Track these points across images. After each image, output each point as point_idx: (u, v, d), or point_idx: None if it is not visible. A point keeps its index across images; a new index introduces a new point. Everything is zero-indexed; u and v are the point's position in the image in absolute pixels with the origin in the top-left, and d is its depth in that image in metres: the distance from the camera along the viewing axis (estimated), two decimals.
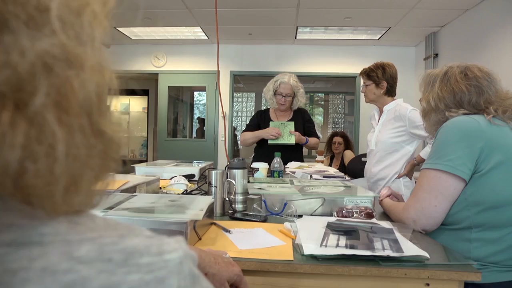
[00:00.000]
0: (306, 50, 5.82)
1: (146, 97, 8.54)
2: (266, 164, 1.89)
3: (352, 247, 0.88)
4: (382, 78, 2.19)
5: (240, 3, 4.12)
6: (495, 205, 1.04)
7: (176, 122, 8.44)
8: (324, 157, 4.67)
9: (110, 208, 0.98)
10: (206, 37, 5.47)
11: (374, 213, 1.27)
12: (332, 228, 1.05)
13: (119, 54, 6.03)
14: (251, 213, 1.30)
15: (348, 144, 4.58)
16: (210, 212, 1.17)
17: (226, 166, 1.60)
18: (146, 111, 8.58)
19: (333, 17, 4.47)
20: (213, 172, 1.31)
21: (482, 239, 1.05)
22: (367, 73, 2.25)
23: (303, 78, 6.41)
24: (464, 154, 1.07)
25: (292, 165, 2.36)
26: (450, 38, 4.67)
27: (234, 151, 7.57)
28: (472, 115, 1.14)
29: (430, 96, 1.24)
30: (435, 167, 1.10)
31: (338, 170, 2.29)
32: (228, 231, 1.08)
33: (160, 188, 1.84)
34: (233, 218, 1.27)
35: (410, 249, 0.88)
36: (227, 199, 1.32)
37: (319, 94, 9.95)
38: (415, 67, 5.62)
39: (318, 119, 10.06)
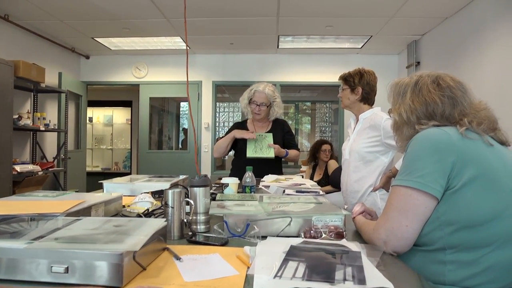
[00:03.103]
0: (289, 59, 5.78)
1: (130, 108, 8.40)
2: (237, 179, 1.79)
3: (310, 277, 0.78)
4: (358, 84, 2.13)
5: (219, 12, 4.06)
6: (469, 225, 0.95)
7: (161, 133, 8.31)
8: (309, 163, 4.58)
9: (41, 237, 0.87)
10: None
11: (345, 233, 1.18)
12: (293, 253, 0.95)
13: (99, 65, 5.92)
14: (212, 235, 1.19)
15: (332, 153, 4.51)
16: (163, 236, 1.07)
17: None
18: (130, 122, 8.43)
19: (314, 25, 4.44)
20: (169, 192, 1.20)
21: (457, 261, 0.96)
22: (345, 78, 2.19)
23: (288, 87, 6.38)
24: (435, 170, 0.98)
25: (269, 179, 2.27)
26: (431, 46, 4.67)
27: (222, 162, 7.45)
28: (443, 127, 1.06)
29: (402, 109, 1.15)
30: (405, 184, 1.02)
31: (316, 183, 2.21)
32: (178, 258, 0.97)
33: (124, 206, 1.72)
34: (190, 241, 1.16)
35: (374, 279, 0.78)
36: (185, 220, 1.22)
37: (307, 103, 9.91)
38: (398, 75, 5.62)
39: (306, 127, 10.01)
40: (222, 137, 2.79)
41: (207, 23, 4.36)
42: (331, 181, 3.96)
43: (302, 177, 4.44)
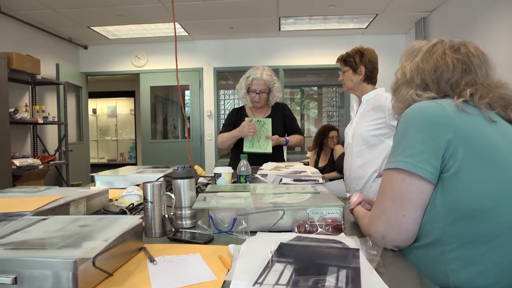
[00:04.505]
0: (292, 42, 5.59)
1: (133, 98, 8.31)
2: (230, 168, 1.67)
3: (295, 285, 0.66)
4: (360, 63, 1.99)
5: None
6: (471, 213, 0.81)
7: (166, 122, 8.21)
8: (313, 149, 4.43)
9: None
10: (186, 33, 5.24)
11: (343, 226, 1.06)
12: (281, 252, 0.83)
13: (98, 55, 5.80)
14: (197, 232, 1.08)
15: (339, 138, 4.35)
16: (139, 234, 0.96)
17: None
18: (133, 113, 8.35)
19: (316, 5, 4.24)
20: (148, 185, 1.09)
21: (460, 258, 0.82)
22: (344, 59, 2.05)
23: (294, 72, 6.18)
24: (428, 149, 0.84)
25: (268, 166, 2.15)
26: (441, 23, 4.45)
27: (229, 150, 7.32)
28: (438, 100, 0.92)
29: (408, 67, 1.01)
30: (395, 166, 0.88)
31: (318, 170, 2.08)
32: (153, 261, 0.86)
33: (111, 200, 1.62)
34: (172, 239, 1.05)
35: (371, 284, 0.66)
36: (166, 216, 1.10)
37: (313, 87, 9.70)
38: None
39: (313, 112, 9.83)
40: (224, 130, 2.65)
41: (204, 6, 4.20)
42: (337, 167, 3.82)
43: (308, 164, 4.32)
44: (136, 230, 0.93)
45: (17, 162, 3.77)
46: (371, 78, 2.02)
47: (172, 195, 1.12)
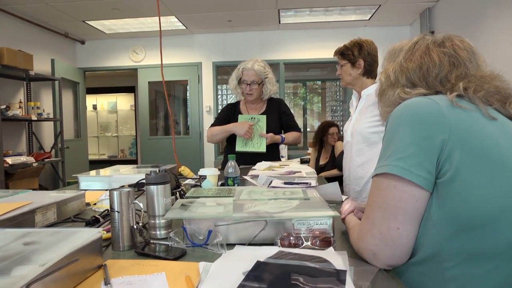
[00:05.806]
0: (292, 35, 5.44)
1: (133, 94, 8.20)
2: (216, 170, 1.56)
3: None
4: (359, 56, 1.86)
5: None
6: (472, 224, 0.69)
7: (167, 118, 8.10)
8: (314, 146, 4.30)
9: None
10: (184, 27, 5.11)
11: (333, 239, 0.94)
12: (255, 274, 0.71)
13: (96, 50, 5.69)
14: (170, 244, 0.97)
15: (340, 135, 4.21)
16: (99, 249, 0.85)
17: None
18: (134, 108, 8.25)
19: None
20: (115, 193, 0.97)
21: (460, 278, 0.70)
22: (342, 52, 1.92)
23: (296, 66, 6.02)
24: (420, 150, 0.73)
25: (261, 166, 2.03)
26: (447, 13, 4.27)
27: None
28: (429, 96, 0.81)
29: (391, 68, 0.92)
30: (384, 171, 0.77)
31: (313, 170, 1.96)
32: (107, 283, 0.74)
33: (88, 204, 1.52)
34: (140, 253, 0.94)
35: None
36: (135, 226, 0.99)
37: (317, 82, 9.53)
38: None
39: (318, 107, 9.68)
40: (215, 124, 2.51)
41: None
42: (337, 164, 3.69)
43: (309, 161, 4.19)
44: (93, 246, 0.82)
45: (9, 160, 3.68)
46: (370, 71, 1.89)
47: (141, 204, 1.00)
